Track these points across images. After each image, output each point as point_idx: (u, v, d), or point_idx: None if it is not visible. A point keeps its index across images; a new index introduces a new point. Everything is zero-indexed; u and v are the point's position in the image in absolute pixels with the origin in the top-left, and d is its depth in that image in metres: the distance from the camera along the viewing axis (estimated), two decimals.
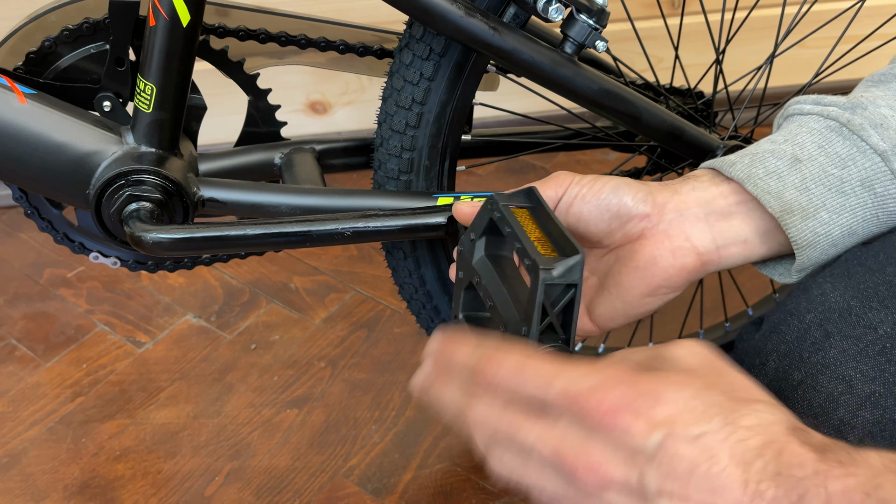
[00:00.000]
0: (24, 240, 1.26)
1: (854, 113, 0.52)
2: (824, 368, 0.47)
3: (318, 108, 1.34)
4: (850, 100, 0.53)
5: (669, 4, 1.31)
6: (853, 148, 0.51)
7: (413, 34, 0.66)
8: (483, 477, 0.96)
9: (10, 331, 1.12)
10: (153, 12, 0.63)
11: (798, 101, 0.55)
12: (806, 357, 0.49)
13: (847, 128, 0.51)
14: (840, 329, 0.48)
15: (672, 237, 0.53)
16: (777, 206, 0.51)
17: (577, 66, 0.67)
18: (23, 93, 0.66)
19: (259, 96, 0.76)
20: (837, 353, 0.47)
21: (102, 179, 0.66)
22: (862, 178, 0.51)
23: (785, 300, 0.54)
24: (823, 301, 0.50)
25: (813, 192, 0.51)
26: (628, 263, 0.54)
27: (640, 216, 0.54)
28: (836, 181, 0.51)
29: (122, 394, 1.05)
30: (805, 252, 0.52)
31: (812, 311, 0.50)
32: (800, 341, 0.50)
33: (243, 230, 0.64)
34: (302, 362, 1.09)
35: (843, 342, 0.48)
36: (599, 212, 0.54)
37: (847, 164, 0.51)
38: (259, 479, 0.96)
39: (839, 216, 0.51)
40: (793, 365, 0.49)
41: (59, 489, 0.94)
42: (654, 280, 0.54)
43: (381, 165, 0.71)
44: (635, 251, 0.54)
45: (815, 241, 0.51)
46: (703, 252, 0.53)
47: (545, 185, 0.56)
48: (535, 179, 1.52)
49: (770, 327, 0.53)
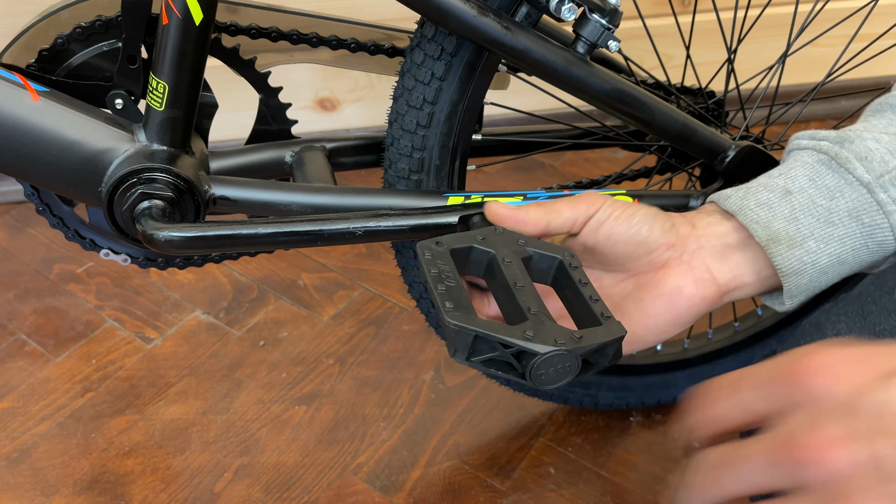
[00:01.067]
0: (34, 235, 1.26)
1: (842, 146, 0.54)
2: None
3: (326, 105, 1.34)
4: (841, 133, 0.55)
5: (679, 2, 1.31)
6: (840, 180, 0.53)
7: (424, 33, 0.66)
8: (491, 475, 0.97)
9: (20, 326, 1.12)
10: (166, 11, 0.63)
11: (797, 137, 0.58)
12: None
13: (835, 161, 0.54)
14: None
15: (695, 268, 0.56)
16: (764, 235, 0.54)
17: (589, 65, 0.66)
18: (36, 90, 0.66)
19: (270, 94, 0.76)
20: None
21: (115, 177, 0.67)
22: (849, 208, 0.53)
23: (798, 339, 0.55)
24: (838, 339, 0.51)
25: (801, 223, 0.54)
26: (653, 291, 0.56)
27: (666, 246, 0.56)
28: (824, 212, 0.53)
29: (132, 389, 1.05)
30: (791, 279, 0.54)
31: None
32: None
33: (255, 229, 0.64)
34: (310, 359, 1.09)
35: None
36: (629, 236, 0.56)
37: (835, 196, 0.53)
38: (268, 475, 0.96)
39: (827, 245, 0.53)
40: None
41: (69, 484, 0.95)
42: (678, 308, 0.56)
43: (392, 165, 0.71)
44: (660, 279, 0.56)
45: (801, 269, 0.53)
46: (722, 283, 0.56)
47: (577, 201, 0.57)
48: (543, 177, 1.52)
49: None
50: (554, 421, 1.03)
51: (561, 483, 0.96)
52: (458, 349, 0.49)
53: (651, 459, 0.99)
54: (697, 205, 0.76)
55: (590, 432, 1.01)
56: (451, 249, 0.54)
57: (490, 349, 0.49)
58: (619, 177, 0.88)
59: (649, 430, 1.02)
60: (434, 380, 1.07)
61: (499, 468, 0.97)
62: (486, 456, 0.99)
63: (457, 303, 0.49)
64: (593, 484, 0.96)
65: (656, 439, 1.01)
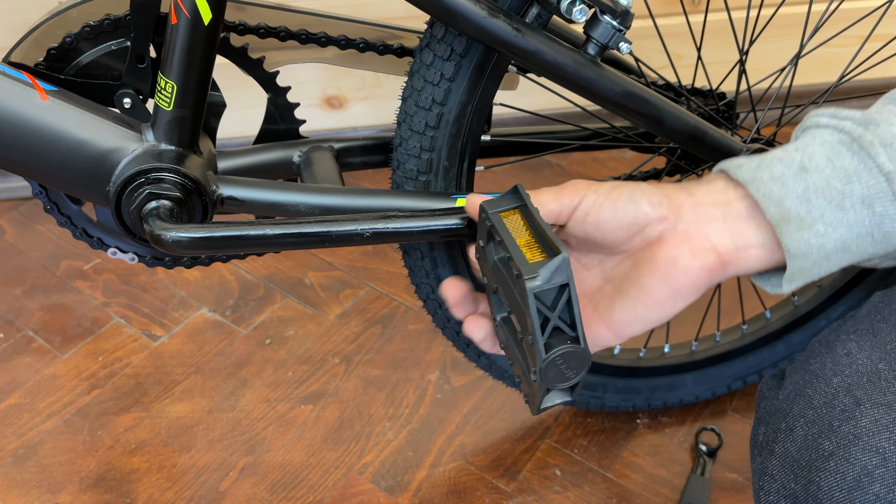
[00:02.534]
0: (42, 231, 1.26)
1: (867, 129, 0.51)
2: (856, 439, 0.47)
3: (333, 103, 1.33)
4: (866, 115, 0.52)
5: (690, 1, 1.30)
6: (860, 164, 0.51)
7: (434, 34, 0.66)
8: (497, 476, 0.96)
9: (28, 322, 1.13)
10: (175, 10, 0.63)
11: (816, 114, 0.55)
12: (836, 426, 0.48)
13: (857, 143, 0.51)
14: (870, 396, 0.48)
15: (691, 238, 0.53)
16: (775, 212, 0.51)
17: (600, 67, 0.66)
18: (44, 90, 0.66)
19: (278, 93, 0.76)
20: (869, 422, 0.47)
21: (123, 177, 0.66)
22: (863, 195, 0.51)
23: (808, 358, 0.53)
24: (850, 363, 0.50)
25: (813, 203, 0.51)
26: (648, 266, 0.54)
27: (657, 219, 0.54)
28: (837, 195, 0.51)
29: (138, 387, 1.05)
30: (797, 262, 0.52)
31: (839, 375, 0.50)
32: (828, 407, 0.49)
33: (263, 230, 0.64)
34: (316, 358, 1.09)
35: (874, 410, 0.47)
36: (617, 219, 0.54)
37: (851, 180, 0.51)
38: (273, 474, 0.96)
39: (835, 230, 0.51)
40: (822, 434, 0.49)
41: (75, 481, 0.95)
42: (676, 281, 0.53)
43: (400, 165, 0.71)
44: (654, 253, 0.54)
45: (807, 251, 0.51)
46: (724, 252, 0.53)
47: (560, 193, 0.56)
48: (551, 176, 1.51)
49: (795, 389, 0.52)
50: (560, 422, 1.02)
51: (567, 485, 0.96)
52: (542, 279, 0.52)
53: (657, 462, 0.99)
54: None
55: (596, 434, 1.01)
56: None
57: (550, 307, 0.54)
58: (629, 178, 0.87)
59: (655, 432, 1.02)
60: (440, 380, 1.07)
61: (504, 469, 0.97)
62: (491, 457, 0.98)
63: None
64: (599, 486, 0.96)
65: (662, 442, 1.01)
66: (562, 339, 0.54)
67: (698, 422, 1.03)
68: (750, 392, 1.06)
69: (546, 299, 0.53)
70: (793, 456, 0.50)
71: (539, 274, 0.52)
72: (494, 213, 0.58)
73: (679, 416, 1.03)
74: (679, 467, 0.98)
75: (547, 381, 0.55)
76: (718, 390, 1.02)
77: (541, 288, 0.52)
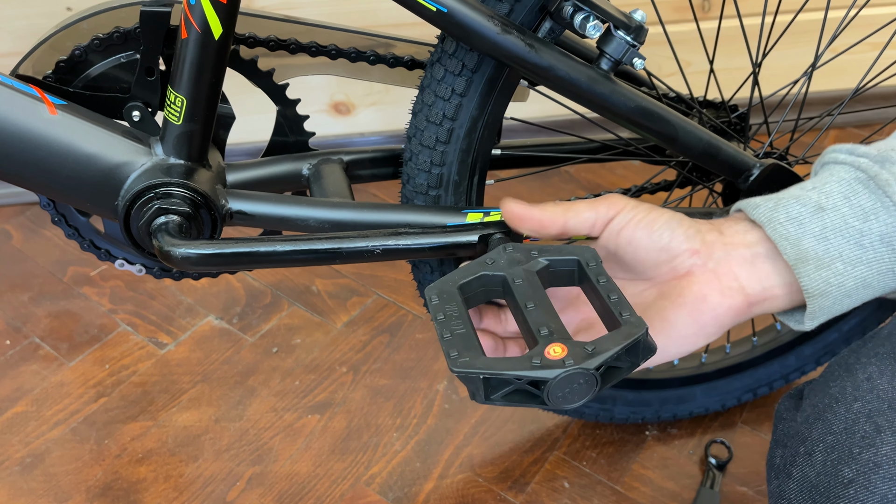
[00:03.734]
0: (49, 237, 1.26)
1: (883, 167, 0.52)
2: (877, 467, 0.47)
3: (341, 109, 1.33)
4: (882, 153, 0.53)
5: (700, 8, 1.29)
6: (877, 202, 0.52)
7: (445, 49, 0.65)
8: (505, 488, 0.96)
9: (34, 329, 1.12)
10: (185, 25, 0.62)
11: (834, 150, 0.56)
12: (856, 453, 0.48)
13: (874, 181, 0.52)
14: (891, 423, 0.48)
15: (721, 277, 0.53)
16: (793, 253, 0.52)
17: (613, 83, 0.65)
18: (53, 104, 0.65)
19: (287, 105, 0.76)
20: (890, 450, 0.47)
21: (132, 192, 0.66)
22: (882, 232, 0.51)
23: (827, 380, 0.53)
24: (871, 388, 0.50)
25: (831, 242, 0.52)
26: (676, 300, 0.54)
27: (689, 252, 0.54)
28: (855, 233, 0.52)
29: (145, 395, 1.05)
30: (816, 301, 0.52)
31: (859, 400, 0.50)
32: (848, 434, 0.49)
33: (272, 246, 0.63)
34: (324, 367, 1.09)
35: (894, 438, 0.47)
36: (652, 241, 0.54)
37: (869, 218, 0.51)
38: (281, 484, 0.96)
39: (854, 268, 0.52)
40: (842, 460, 0.49)
41: (81, 490, 0.94)
42: (703, 318, 0.53)
43: (410, 180, 0.71)
44: (683, 287, 0.54)
45: (827, 290, 0.52)
46: (751, 294, 0.54)
47: (597, 203, 0.56)
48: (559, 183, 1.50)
49: (814, 413, 0.52)
50: (568, 434, 1.02)
51: (575, 497, 0.95)
52: (474, 393, 0.48)
53: (666, 475, 0.98)
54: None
55: (605, 446, 1.01)
56: (460, 285, 0.53)
57: (505, 384, 0.48)
58: (640, 190, 0.87)
59: (665, 444, 1.01)
60: (447, 390, 1.06)
61: (513, 481, 0.97)
62: (499, 469, 0.98)
63: (463, 347, 0.49)
64: (608, 499, 0.95)
65: (672, 454, 1.00)
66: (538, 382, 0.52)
67: (708, 434, 1.02)
68: (760, 404, 1.06)
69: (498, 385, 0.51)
70: (811, 481, 0.49)
71: (470, 390, 0.50)
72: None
73: (689, 429, 1.03)
74: (688, 480, 0.98)
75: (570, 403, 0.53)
76: (728, 402, 1.01)
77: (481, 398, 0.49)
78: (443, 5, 0.60)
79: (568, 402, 0.48)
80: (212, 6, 0.61)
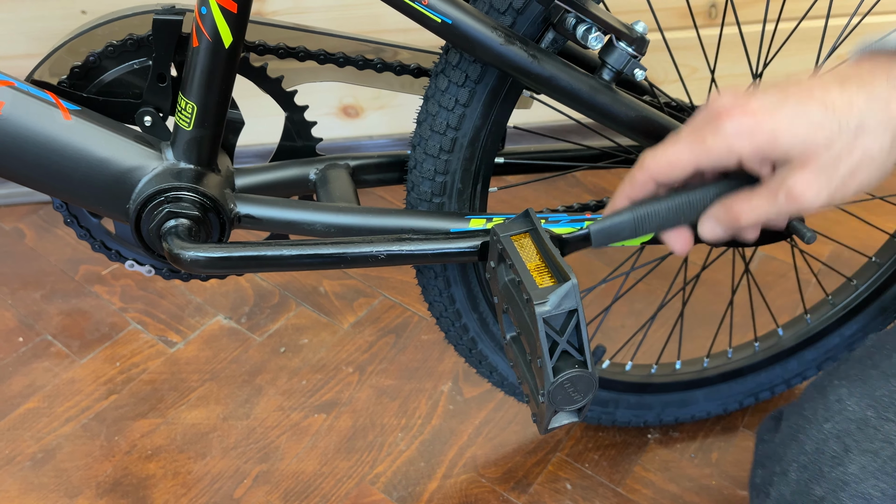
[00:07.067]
0: (61, 235, 1.28)
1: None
2: (845, 485, 0.48)
3: (350, 112, 1.34)
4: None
5: (706, 15, 1.30)
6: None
7: (449, 60, 0.66)
8: (507, 489, 0.97)
9: (46, 326, 1.14)
10: (196, 33, 0.64)
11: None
12: (826, 472, 0.50)
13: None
14: (858, 443, 0.49)
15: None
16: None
17: (614, 92, 0.66)
18: (67, 109, 0.67)
19: (296, 111, 0.77)
20: (857, 469, 0.48)
21: (143, 195, 0.68)
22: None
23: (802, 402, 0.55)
24: (840, 409, 0.51)
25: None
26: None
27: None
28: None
29: (154, 393, 1.07)
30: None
31: (829, 420, 0.51)
32: (819, 453, 0.51)
33: (280, 251, 0.65)
34: (330, 367, 1.11)
35: (861, 458, 0.49)
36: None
37: None
38: (287, 482, 0.97)
39: None
40: (813, 479, 0.50)
41: (92, 486, 0.96)
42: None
43: (415, 187, 0.72)
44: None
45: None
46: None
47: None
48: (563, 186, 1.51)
49: (789, 434, 0.54)
50: (571, 436, 1.03)
51: (577, 499, 0.96)
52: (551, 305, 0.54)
53: (668, 477, 0.99)
54: None
55: (607, 448, 1.02)
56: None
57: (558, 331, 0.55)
58: None
59: (667, 447, 1.02)
60: (452, 391, 1.08)
61: (515, 482, 0.98)
62: (502, 469, 0.99)
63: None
64: (609, 501, 0.96)
65: (674, 457, 1.01)
66: (570, 362, 0.55)
67: (709, 438, 1.03)
68: (762, 409, 1.06)
69: (555, 323, 0.54)
70: (787, 499, 0.52)
71: (548, 299, 0.53)
72: (505, 236, 0.59)
73: (690, 432, 1.04)
74: (690, 483, 0.99)
75: (555, 404, 0.56)
76: (730, 407, 1.02)
77: (549, 313, 0.53)
78: (448, 17, 0.61)
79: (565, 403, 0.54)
80: (222, 15, 0.63)
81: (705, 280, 1.11)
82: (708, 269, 0.96)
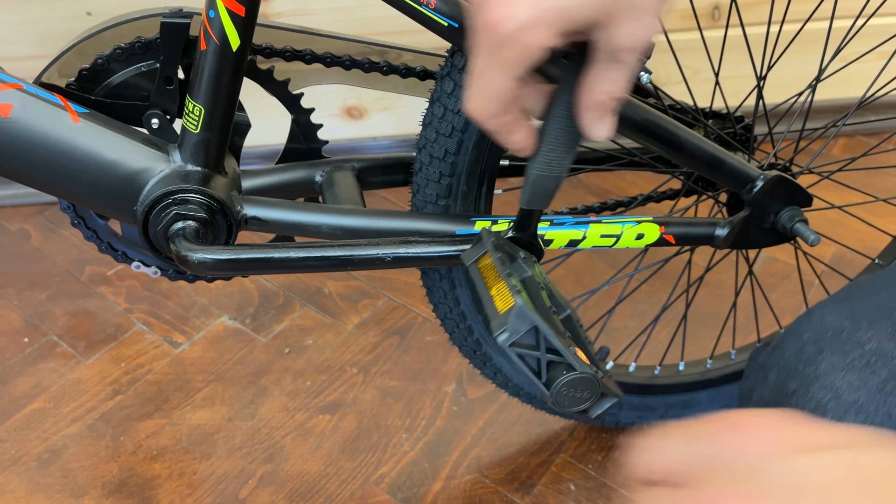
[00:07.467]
0: (66, 236, 1.29)
1: None
2: (815, 379, 0.52)
3: (354, 114, 1.35)
4: None
5: (710, 17, 1.30)
6: None
7: (455, 63, 0.67)
8: (511, 490, 0.98)
9: (52, 327, 1.15)
10: (204, 37, 0.64)
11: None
12: (800, 370, 0.53)
13: None
14: (832, 346, 0.53)
15: None
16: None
17: None
18: (76, 112, 0.67)
19: (302, 114, 0.78)
20: (827, 365, 0.52)
21: (150, 197, 0.68)
22: None
23: (790, 324, 0.59)
24: (821, 322, 0.55)
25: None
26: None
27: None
28: None
29: (160, 393, 1.07)
30: None
31: (809, 331, 0.56)
32: (796, 356, 0.55)
33: (286, 253, 0.65)
34: (335, 367, 1.11)
35: (833, 357, 0.52)
36: None
37: None
38: (291, 483, 0.98)
39: None
40: (789, 377, 0.54)
41: (97, 486, 0.97)
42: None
43: (420, 190, 0.72)
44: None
45: None
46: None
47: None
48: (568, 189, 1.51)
49: (774, 346, 0.58)
50: (575, 437, 1.03)
51: (580, 500, 0.97)
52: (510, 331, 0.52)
53: None
54: (723, 233, 0.76)
55: (610, 449, 1.02)
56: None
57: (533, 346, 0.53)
58: (646, 199, 0.88)
59: None
60: (456, 392, 1.08)
61: (519, 483, 0.98)
62: (506, 470, 1.00)
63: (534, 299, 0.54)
64: (613, 502, 0.97)
65: None
66: (559, 368, 0.55)
67: None
68: None
69: (526, 342, 0.54)
70: (765, 399, 0.55)
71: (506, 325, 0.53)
72: (472, 264, 0.60)
73: None
74: None
75: (565, 407, 0.56)
76: (733, 408, 1.02)
77: (511, 340, 0.53)
78: (454, 20, 0.61)
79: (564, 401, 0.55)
80: (230, 19, 0.63)
81: (709, 282, 1.11)
82: (711, 271, 0.97)
